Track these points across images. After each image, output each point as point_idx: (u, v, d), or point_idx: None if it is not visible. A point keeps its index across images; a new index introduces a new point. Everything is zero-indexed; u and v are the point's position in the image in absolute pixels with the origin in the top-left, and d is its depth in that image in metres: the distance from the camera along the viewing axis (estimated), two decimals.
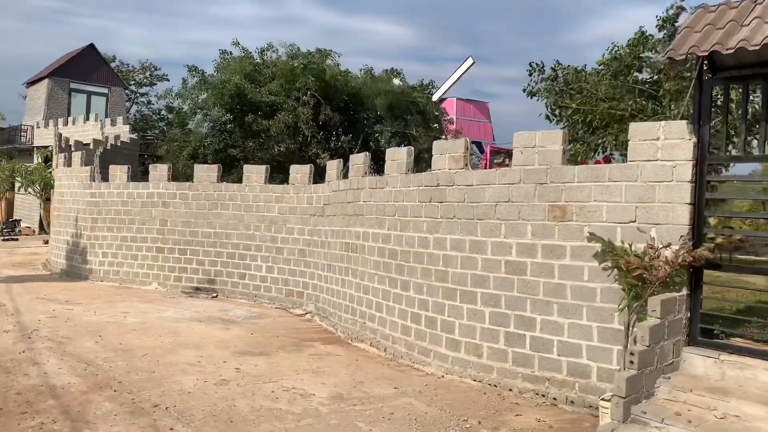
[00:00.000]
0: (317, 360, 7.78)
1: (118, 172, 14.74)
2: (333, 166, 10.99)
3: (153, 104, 46.84)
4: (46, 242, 25.40)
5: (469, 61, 34.79)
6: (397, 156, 8.66)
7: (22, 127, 32.47)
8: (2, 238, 27.29)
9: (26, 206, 33.31)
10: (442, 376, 7.23)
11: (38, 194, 17.66)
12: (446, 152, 7.71)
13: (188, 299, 12.49)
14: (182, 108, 21.27)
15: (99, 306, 11.18)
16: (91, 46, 34.55)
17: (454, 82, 33.49)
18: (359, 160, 9.75)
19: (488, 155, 20.71)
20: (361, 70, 21.95)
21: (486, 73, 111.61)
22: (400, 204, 8.47)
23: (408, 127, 20.79)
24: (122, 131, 26.10)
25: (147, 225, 14.10)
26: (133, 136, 24.57)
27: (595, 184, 6.23)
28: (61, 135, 19.95)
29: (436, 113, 22.17)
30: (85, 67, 33.96)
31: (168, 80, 53.06)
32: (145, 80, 47.48)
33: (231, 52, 20.89)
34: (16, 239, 27.02)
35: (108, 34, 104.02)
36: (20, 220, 31.31)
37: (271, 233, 12.45)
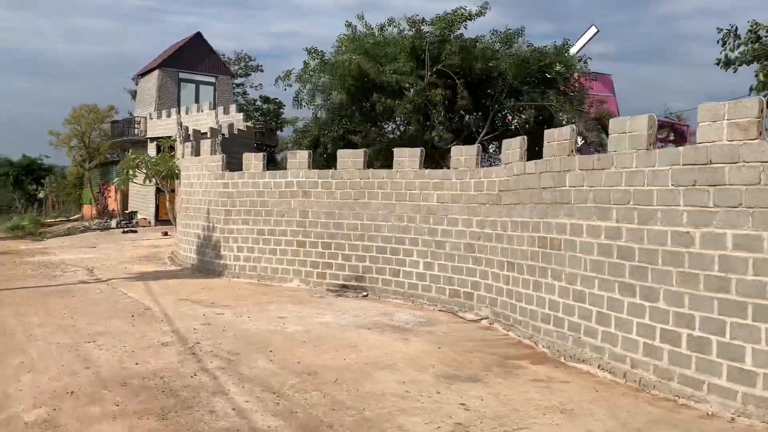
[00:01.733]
0: (547, 390, 6.14)
1: (253, 160, 13.65)
2: (515, 145, 9.26)
3: (248, 94, 46.91)
4: (165, 234, 25.24)
5: (592, 30, 31.85)
6: (632, 127, 6.82)
7: (136, 119, 32.72)
8: (122, 230, 27.49)
9: (140, 197, 33.72)
10: (733, 419, 5.41)
11: (163, 185, 16.97)
12: (722, 118, 5.81)
13: (339, 299, 11.20)
14: (302, 92, 20.13)
15: (249, 309, 10.04)
16: (198, 35, 34.39)
17: (576, 53, 30.81)
18: (564, 134, 7.97)
19: None
20: (490, 32, 19.88)
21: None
22: (638, 189, 6.65)
23: (547, 100, 18.69)
24: (236, 119, 25.46)
25: (286, 217, 12.93)
26: (249, 124, 23.82)
27: None
28: (181, 123, 19.31)
29: (577, 84, 19.85)
30: (193, 57, 33.84)
31: (262, 71, 53.27)
32: (240, 71, 47.42)
33: (355, 25, 19.46)
34: (135, 231, 27.14)
35: (199, 29, 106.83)
36: (136, 211, 31.65)
37: (429, 225, 10.91)
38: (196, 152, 15.63)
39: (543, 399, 5.80)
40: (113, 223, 29.94)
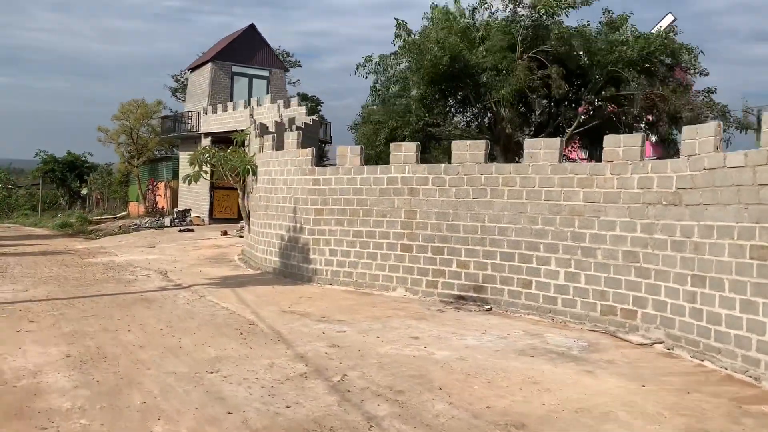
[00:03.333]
0: None
1: (349, 154, 12.21)
2: (705, 133, 7.59)
3: (287, 91, 45.83)
4: (225, 233, 24.04)
5: (669, 17, 29.78)
6: None
7: (189, 114, 31.64)
8: (179, 229, 26.42)
9: (192, 195, 32.69)
10: None
11: (236, 181, 15.69)
12: None
13: (462, 314, 9.69)
14: (377, 83, 18.66)
15: (370, 325, 8.59)
16: (252, 27, 33.21)
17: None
18: None
19: None
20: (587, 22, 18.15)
21: None
22: None
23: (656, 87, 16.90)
24: (298, 113, 24.14)
25: (388, 218, 11.46)
26: (314, 117, 22.46)
27: None
28: (250, 116, 17.97)
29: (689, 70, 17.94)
30: (246, 50, 32.67)
31: (300, 66, 52.88)
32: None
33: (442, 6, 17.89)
34: (192, 230, 26.07)
35: (230, 29, 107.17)
36: (190, 209, 30.61)
37: (573, 228, 9.32)
38: (278, 146, 14.27)
39: None
40: (166, 221, 28.91)
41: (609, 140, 9.08)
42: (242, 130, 16.65)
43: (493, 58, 16.77)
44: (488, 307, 10.15)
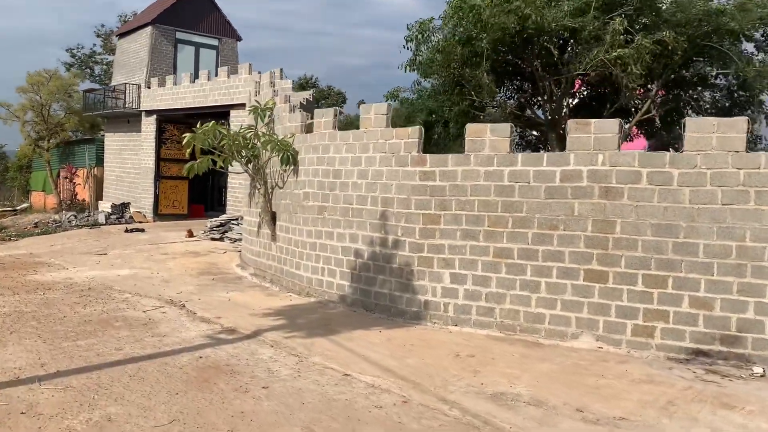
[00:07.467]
0: None
1: (488, 135, 8.34)
2: None
3: None
4: (191, 234, 19.24)
5: None
6: None
7: (124, 87, 25.97)
8: (125, 228, 21.18)
9: (124, 185, 27.25)
10: None
11: (257, 172, 11.43)
12: None
13: (740, 386, 6.19)
14: (418, 55, 14.75)
15: (682, 428, 4.91)
16: None
17: None
18: None
19: None
20: None
21: None
22: None
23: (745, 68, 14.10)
24: (281, 87, 19.63)
25: (561, 230, 7.76)
26: (312, 93, 18.11)
27: None
28: (274, 85, 13.52)
29: None
30: (192, 13, 27.44)
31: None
32: None
33: None
34: (143, 230, 20.94)
35: (115, 7, 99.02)
36: (129, 203, 25.20)
37: None
38: (342, 125, 10.13)
39: None
40: (101, 217, 23.40)
41: None
42: (253, 103, 12.18)
43: (578, 21, 13.35)
44: (760, 371, 6.72)
